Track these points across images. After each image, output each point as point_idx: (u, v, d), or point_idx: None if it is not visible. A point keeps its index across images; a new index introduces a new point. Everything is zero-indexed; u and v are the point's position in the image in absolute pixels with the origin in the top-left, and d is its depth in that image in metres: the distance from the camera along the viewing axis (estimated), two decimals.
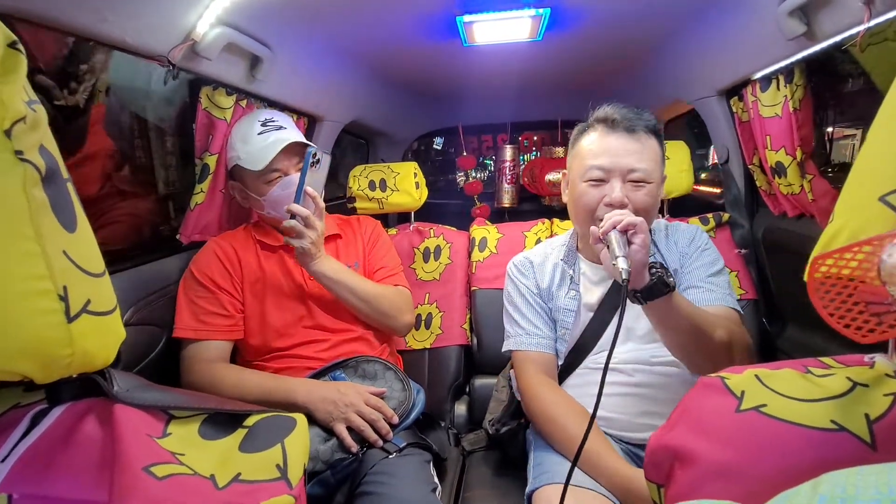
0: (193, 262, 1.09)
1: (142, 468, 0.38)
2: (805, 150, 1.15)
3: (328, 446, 0.91)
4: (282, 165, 1.07)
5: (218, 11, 0.90)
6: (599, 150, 0.92)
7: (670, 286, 0.77)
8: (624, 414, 0.92)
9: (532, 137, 2.80)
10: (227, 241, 1.13)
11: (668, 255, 1.01)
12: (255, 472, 0.43)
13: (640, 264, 0.76)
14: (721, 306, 0.92)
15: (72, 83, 1.01)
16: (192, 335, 1.03)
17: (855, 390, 0.42)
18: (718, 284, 0.95)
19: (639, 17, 1.18)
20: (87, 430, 0.42)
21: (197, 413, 0.48)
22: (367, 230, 1.26)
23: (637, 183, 0.90)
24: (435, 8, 1.09)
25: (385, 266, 1.22)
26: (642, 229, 0.77)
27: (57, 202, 0.38)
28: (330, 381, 1.02)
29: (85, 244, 0.42)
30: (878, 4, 0.76)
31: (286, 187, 1.06)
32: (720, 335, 0.82)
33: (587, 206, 0.92)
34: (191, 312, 1.04)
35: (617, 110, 0.93)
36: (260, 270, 1.11)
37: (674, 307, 0.79)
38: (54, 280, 0.37)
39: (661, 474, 0.49)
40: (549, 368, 1.00)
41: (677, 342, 0.84)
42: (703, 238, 1.03)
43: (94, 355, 0.42)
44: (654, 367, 0.93)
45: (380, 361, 1.07)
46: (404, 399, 1.02)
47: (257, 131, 1.08)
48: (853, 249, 0.35)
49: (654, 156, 0.92)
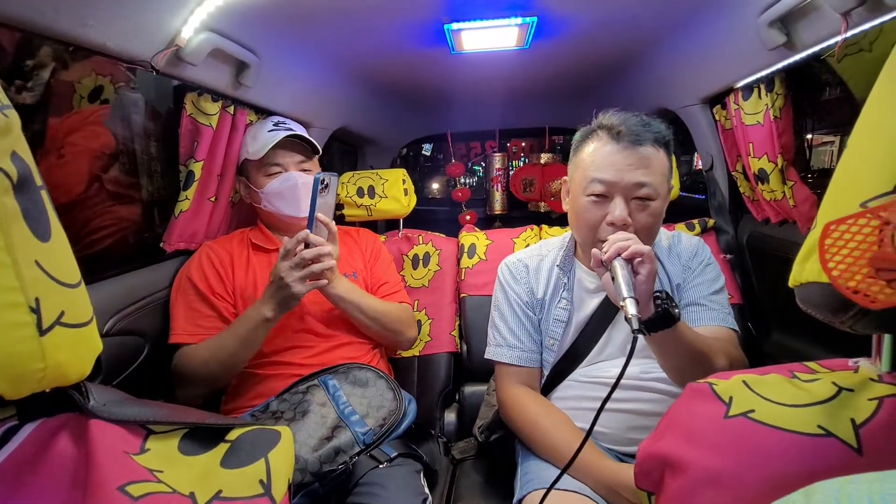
0: (186, 267, 1.10)
1: (116, 487, 0.36)
2: (786, 157, 1.18)
3: (316, 457, 0.89)
4: (283, 160, 1.12)
5: (203, 17, 0.89)
6: (603, 163, 0.85)
7: (675, 317, 0.74)
8: (615, 429, 0.90)
9: (520, 144, 2.82)
10: (220, 246, 1.14)
11: (670, 268, 0.97)
12: (237, 489, 0.42)
13: (646, 296, 0.73)
14: (721, 327, 0.90)
15: (18, 80, 0.95)
16: (188, 340, 1.03)
17: (840, 395, 0.42)
18: (720, 303, 0.93)
19: (624, 26, 1.20)
20: (60, 447, 0.40)
21: (177, 427, 0.46)
22: (369, 244, 1.28)
23: (642, 200, 0.84)
24: (423, 16, 1.09)
25: (388, 282, 1.23)
26: (650, 259, 0.73)
27: (29, 211, 0.37)
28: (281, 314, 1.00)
29: (59, 254, 0.40)
30: (855, 16, 0.78)
31: (285, 181, 1.10)
32: (721, 363, 0.80)
33: (588, 223, 0.87)
34: (186, 317, 1.05)
35: (623, 120, 0.86)
36: (251, 274, 1.12)
37: (677, 337, 0.76)
38: (25, 292, 0.36)
39: (652, 482, 0.48)
40: (529, 381, 0.98)
41: (676, 367, 0.82)
42: (706, 252, 1.00)
43: (68, 369, 0.41)
44: (645, 382, 0.90)
45: (371, 369, 1.06)
46: (395, 409, 1.01)
47: (268, 129, 1.14)
48: (867, 215, 0.34)
49: (663, 169, 0.86)
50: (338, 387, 1.00)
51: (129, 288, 1.02)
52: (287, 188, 1.11)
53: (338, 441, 0.91)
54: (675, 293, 0.95)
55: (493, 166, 2.52)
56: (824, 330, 0.44)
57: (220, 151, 1.18)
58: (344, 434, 0.93)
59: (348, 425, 0.95)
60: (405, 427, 1.03)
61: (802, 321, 0.41)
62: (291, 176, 1.11)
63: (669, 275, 0.96)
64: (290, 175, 1.12)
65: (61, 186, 1.06)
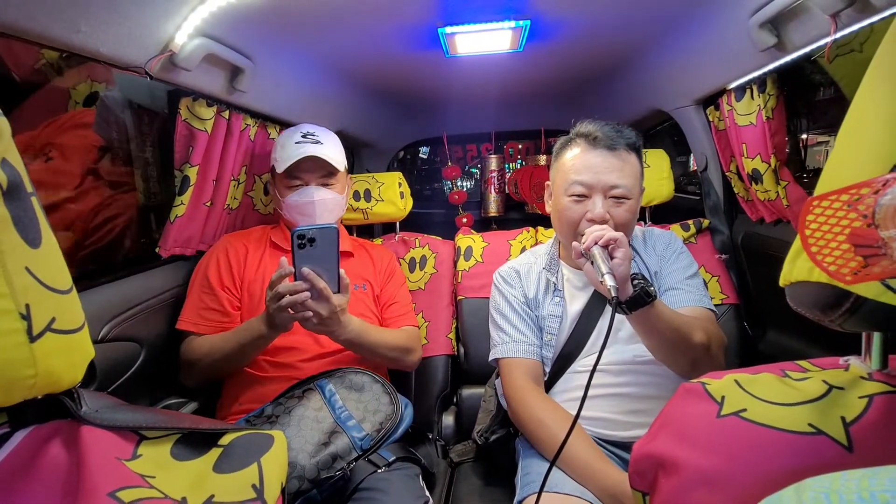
0: (205, 258, 1.15)
1: (107, 493, 0.36)
2: (779, 158, 1.18)
3: (313, 463, 0.89)
4: (305, 176, 1.16)
5: (197, 22, 0.89)
6: (582, 166, 0.95)
7: (652, 295, 0.81)
8: (610, 413, 0.95)
9: (517, 146, 2.82)
10: (238, 239, 1.19)
11: (647, 259, 1.06)
12: (230, 494, 0.42)
13: (624, 276, 0.79)
14: (698, 307, 0.97)
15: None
16: (191, 328, 1.07)
17: (831, 393, 0.42)
18: (695, 286, 1.00)
19: (616, 29, 1.21)
20: (52, 454, 0.40)
21: (170, 433, 0.46)
22: (384, 261, 1.30)
23: (618, 199, 0.93)
24: (416, 20, 1.09)
25: (398, 302, 1.24)
26: (623, 243, 0.81)
27: (20, 217, 0.37)
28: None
29: (50, 260, 0.40)
30: (844, 17, 0.79)
31: (302, 195, 1.14)
32: (699, 337, 0.86)
33: (570, 220, 0.96)
34: (193, 307, 1.09)
35: (599, 128, 0.96)
36: (262, 270, 1.15)
37: (656, 314, 0.83)
38: (15, 298, 0.36)
39: (646, 483, 0.49)
40: (535, 375, 1.00)
41: (659, 345, 0.88)
42: (678, 243, 1.09)
43: (59, 375, 0.41)
44: (637, 366, 0.96)
45: (367, 374, 1.06)
46: (392, 413, 1.01)
47: (295, 140, 1.16)
48: (850, 191, 0.35)
49: (634, 172, 0.96)
50: (334, 391, 1.00)
51: (125, 294, 1.02)
52: (303, 203, 1.15)
53: (335, 447, 0.91)
54: (653, 280, 1.03)
55: (488, 168, 2.52)
56: (820, 329, 0.44)
57: (215, 156, 1.18)
58: (341, 439, 0.93)
59: (345, 430, 0.94)
60: (402, 431, 1.03)
61: (798, 320, 0.42)
62: (308, 191, 1.15)
63: (647, 265, 1.05)
64: (308, 190, 1.15)
65: (53, 188, 1.06)
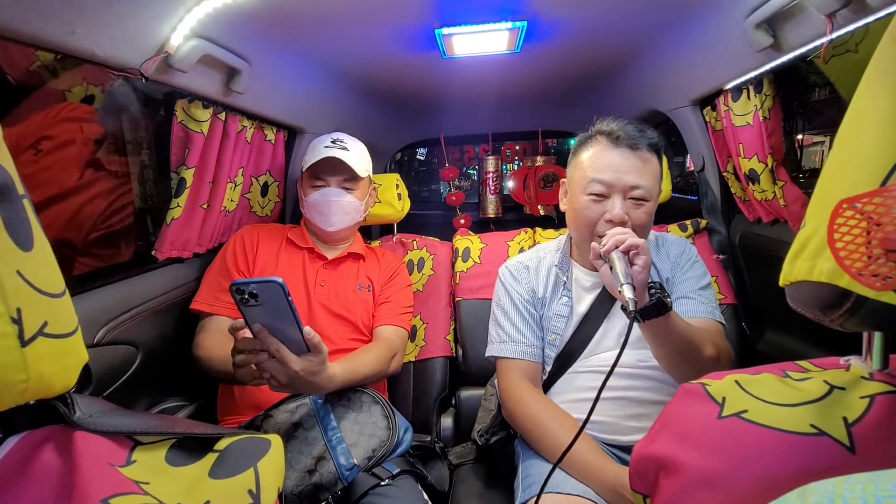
0: (227, 243, 1.21)
1: (101, 500, 0.36)
2: (776, 158, 1.18)
3: (295, 495, 0.85)
4: (327, 177, 1.20)
5: (192, 24, 0.88)
6: (602, 165, 0.92)
7: (668, 306, 0.79)
8: (612, 416, 0.94)
9: (514, 147, 2.83)
10: (256, 230, 1.24)
11: (660, 264, 1.03)
12: (226, 499, 0.41)
13: (642, 285, 0.78)
14: (709, 319, 0.95)
15: None
16: (205, 308, 1.11)
17: (832, 394, 0.42)
18: (708, 298, 0.99)
19: (613, 29, 1.21)
20: (44, 460, 0.39)
21: (164, 438, 0.45)
22: (391, 266, 1.31)
23: (637, 200, 0.91)
24: (413, 21, 1.09)
25: (390, 302, 1.23)
26: (644, 251, 0.78)
27: (11, 220, 0.36)
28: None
29: (42, 263, 0.40)
30: (840, 18, 0.79)
31: (323, 195, 1.19)
32: (709, 351, 0.85)
33: (587, 220, 0.93)
34: (208, 288, 1.14)
35: (621, 126, 0.94)
36: (275, 262, 1.18)
37: (669, 324, 0.81)
38: (6, 302, 0.35)
39: (647, 484, 0.48)
40: (532, 376, 1.00)
41: (668, 355, 0.86)
42: (692, 251, 1.07)
43: (52, 380, 0.40)
44: (641, 370, 0.95)
45: (367, 392, 1.01)
46: (386, 439, 0.95)
47: (325, 144, 1.21)
48: (883, 194, 0.34)
49: (655, 173, 0.94)
50: (329, 409, 0.95)
51: (121, 296, 1.01)
52: (321, 203, 1.19)
53: (319, 476, 0.87)
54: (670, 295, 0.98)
55: (485, 169, 2.52)
56: (818, 329, 0.44)
57: (211, 158, 1.17)
58: (327, 468, 0.88)
59: (333, 457, 0.90)
60: (399, 454, 0.99)
61: (796, 320, 0.41)
62: (327, 192, 1.19)
63: (659, 270, 1.03)
64: (326, 191, 1.19)
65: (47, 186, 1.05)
